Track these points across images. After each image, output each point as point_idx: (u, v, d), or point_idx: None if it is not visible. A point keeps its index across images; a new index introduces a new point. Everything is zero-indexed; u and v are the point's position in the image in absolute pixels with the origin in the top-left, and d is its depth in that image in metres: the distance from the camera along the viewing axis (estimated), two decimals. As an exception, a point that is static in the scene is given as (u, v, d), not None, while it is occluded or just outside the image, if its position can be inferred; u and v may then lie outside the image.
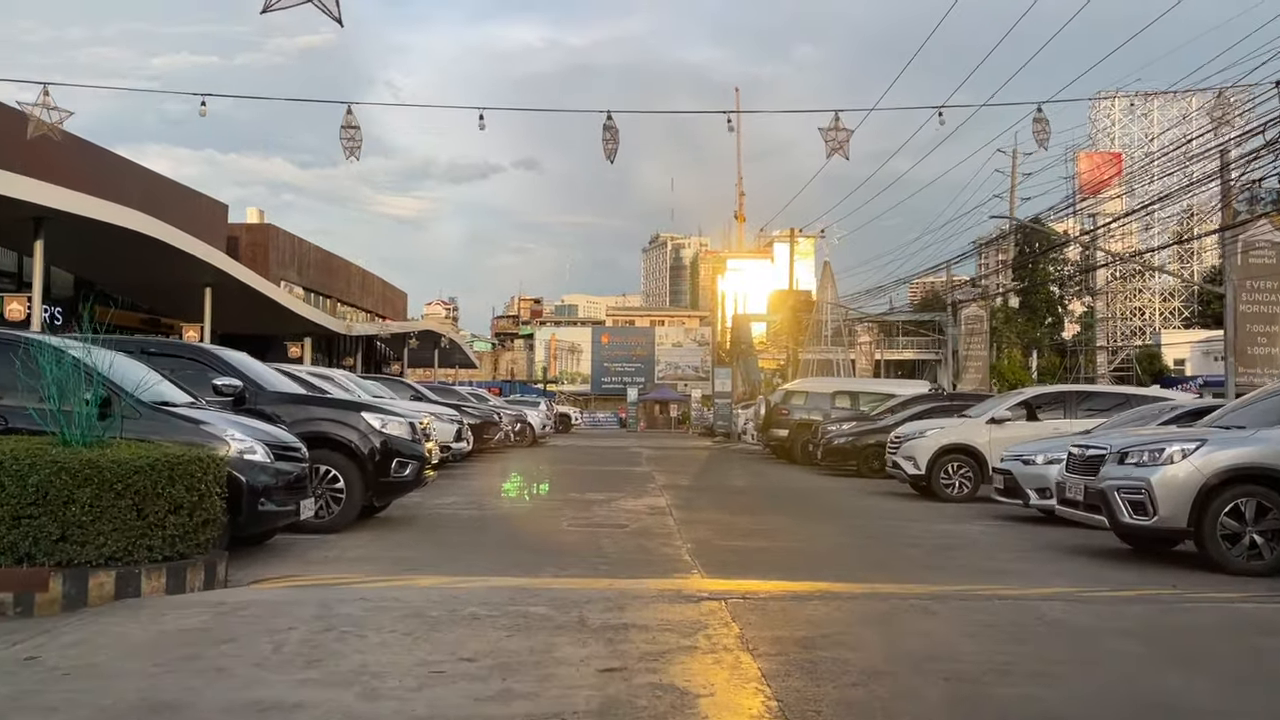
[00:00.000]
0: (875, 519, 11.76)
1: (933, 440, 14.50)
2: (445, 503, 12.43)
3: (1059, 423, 14.28)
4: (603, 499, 13.28)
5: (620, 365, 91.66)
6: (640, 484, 16.27)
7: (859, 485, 17.00)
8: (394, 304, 55.44)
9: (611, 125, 12.13)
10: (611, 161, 12.46)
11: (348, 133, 12.14)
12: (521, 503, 12.65)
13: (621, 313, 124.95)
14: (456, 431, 17.15)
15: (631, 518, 11.13)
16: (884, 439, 19.13)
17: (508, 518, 10.95)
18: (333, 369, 17.27)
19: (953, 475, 14.36)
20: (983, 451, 14.31)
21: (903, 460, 14.77)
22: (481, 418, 21.77)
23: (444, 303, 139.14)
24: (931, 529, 10.84)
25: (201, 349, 10.20)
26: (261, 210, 43.18)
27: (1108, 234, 64.07)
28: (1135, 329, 74.82)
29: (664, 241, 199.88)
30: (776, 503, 13.77)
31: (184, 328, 26.66)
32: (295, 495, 7.77)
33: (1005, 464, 11.81)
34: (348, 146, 12.31)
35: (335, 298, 45.45)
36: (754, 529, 10.53)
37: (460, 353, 53.43)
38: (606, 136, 12.16)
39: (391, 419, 9.76)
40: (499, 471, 18.37)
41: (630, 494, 14.23)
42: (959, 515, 12.30)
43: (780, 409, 24.24)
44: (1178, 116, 74.72)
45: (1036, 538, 10.25)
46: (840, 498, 14.66)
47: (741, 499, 14.08)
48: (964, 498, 14.25)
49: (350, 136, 12.25)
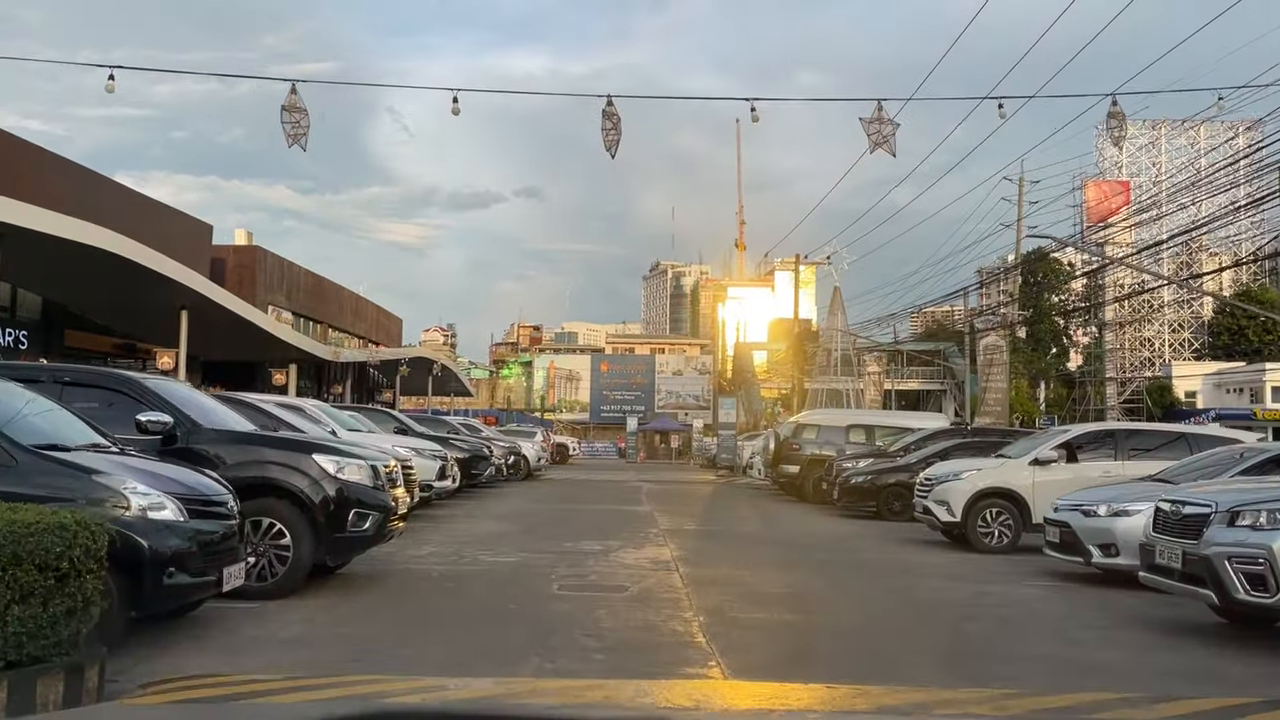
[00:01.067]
0: (914, 577, 10.23)
1: (969, 483, 12.99)
2: (420, 554, 10.90)
3: (1108, 464, 12.80)
4: (599, 549, 11.75)
5: (620, 394, 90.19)
6: (641, 528, 14.74)
7: (882, 531, 15.45)
8: (388, 330, 53.99)
9: (612, 113, 10.72)
10: (613, 155, 11.06)
11: (292, 116, 10.65)
12: (507, 554, 11.12)
13: (621, 340, 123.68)
14: (440, 468, 15.65)
15: (633, 576, 9.60)
16: (906, 478, 17.67)
17: (488, 577, 9.43)
18: (305, 399, 15.84)
19: (991, 523, 12.84)
20: (1025, 497, 12.79)
21: (934, 505, 13.25)
22: (471, 451, 20.25)
23: (442, 329, 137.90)
24: (983, 593, 9.30)
25: (126, 378, 8.71)
26: (250, 232, 41.89)
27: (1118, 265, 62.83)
28: (1144, 360, 73.50)
29: (664, 269, 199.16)
30: (796, 554, 12.24)
31: (159, 353, 25.18)
32: (218, 561, 6.26)
33: (1061, 514, 10.29)
34: (291, 133, 10.82)
35: (326, 323, 44.02)
36: (777, 593, 9.00)
37: (456, 380, 51.95)
38: (607, 126, 10.75)
39: (349, 462, 8.26)
40: (487, 513, 16.83)
41: (630, 542, 12.70)
42: (1007, 573, 10.76)
43: (791, 443, 22.72)
44: (1186, 145, 74.00)
45: (1110, 607, 8.72)
46: (867, 548, 13.12)
47: (757, 550, 12.55)
48: (1004, 548, 12.72)
49: (295, 121, 10.76)
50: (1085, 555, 9.89)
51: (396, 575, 9.39)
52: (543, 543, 12.41)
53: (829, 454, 21.93)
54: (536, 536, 13.19)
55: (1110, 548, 9.69)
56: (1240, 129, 64.42)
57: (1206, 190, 44.49)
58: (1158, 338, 73.25)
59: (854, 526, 16.24)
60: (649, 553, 11.64)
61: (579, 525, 15.05)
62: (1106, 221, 62.87)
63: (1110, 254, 61.25)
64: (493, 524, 14.89)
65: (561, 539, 12.80)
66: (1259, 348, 70.70)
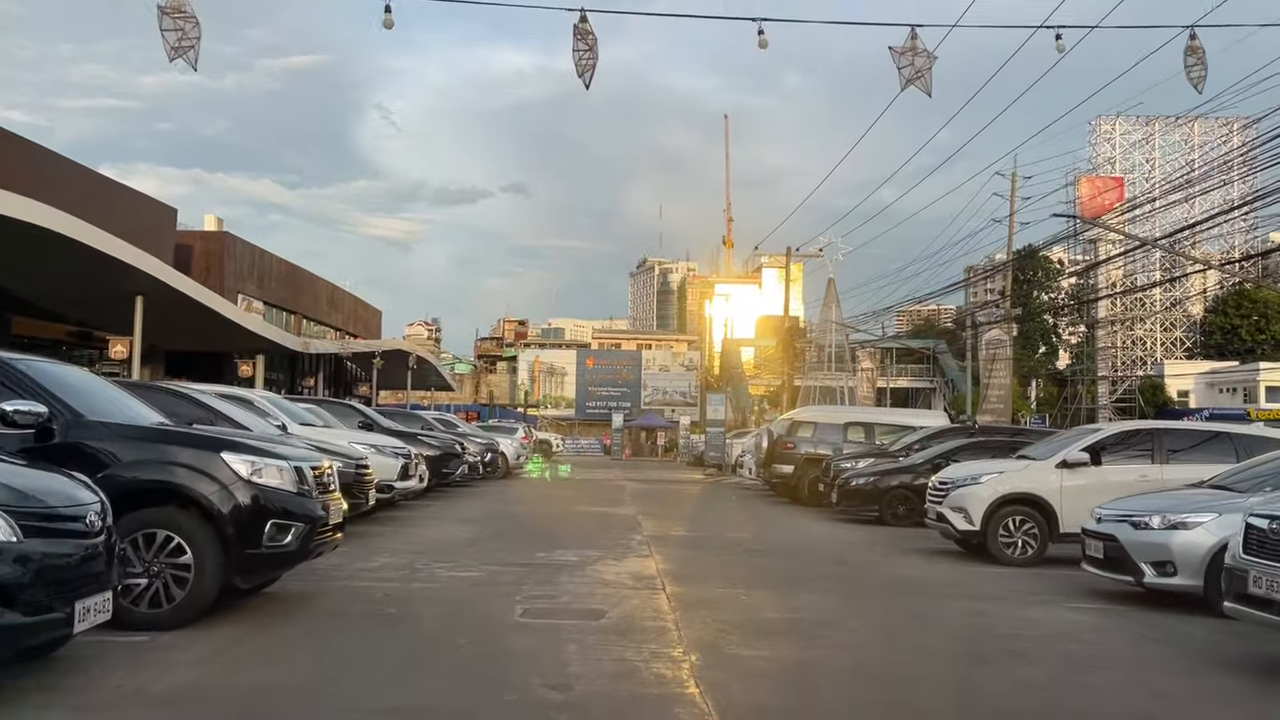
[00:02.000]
0: (937, 598, 8.84)
1: (990, 488, 11.62)
2: (368, 567, 9.47)
3: (1144, 468, 11.45)
4: (575, 561, 10.33)
5: (605, 389, 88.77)
6: (624, 534, 13.33)
7: (888, 539, 14.08)
8: (367, 322, 52.37)
9: (586, 31, 9.19)
10: (587, 85, 9.52)
11: (173, 21, 8.96)
12: (468, 567, 9.69)
13: (607, 336, 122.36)
14: (403, 467, 14.19)
15: (611, 597, 8.19)
16: (910, 480, 16.36)
17: (441, 599, 7.99)
18: (256, 390, 14.39)
19: (1014, 533, 11.48)
20: (1052, 504, 11.44)
21: (950, 512, 11.88)
22: (442, 449, 18.79)
23: (426, 323, 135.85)
24: (1023, 619, 7.92)
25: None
26: (220, 219, 40.22)
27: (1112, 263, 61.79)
28: (1136, 359, 72.65)
29: (652, 266, 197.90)
30: (798, 568, 10.84)
31: (112, 341, 23.60)
32: (67, 592, 4.82)
33: (1106, 526, 8.93)
34: (174, 45, 9.14)
35: (300, 314, 42.40)
36: (782, 620, 7.59)
37: (436, 375, 50.38)
38: (581, 48, 9.22)
39: (267, 463, 6.80)
40: (455, 516, 15.39)
41: (611, 552, 11.29)
42: (1040, 592, 9.40)
43: (785, 442, 21.33)
44: (1180, 141, 73.09)
45: (1179, 640, 7.37)
46: (876, 560, 11.73)
47: (753, 563, 11.15)
48: (1028, 561, 11.37)
49: (180, 29, 9.05)
50: (1135, 574, 8.53)
51: (332, 596, 7.95)
52: (511, 552, 10.98)
53: (825, 453, 20.58)
54: (505, 544, 11.75)
55: (1166, 565, 8.33)
56: (1235, 124, 63.64)
57: (1199, 188, 43.66)
58: (1149, 336, 72.38)
59: (856, 533, 14.86)
60: (631, 566, 10.22)
61: (555, 531, 13.62)
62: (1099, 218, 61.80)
63: (1106, 251, 60.28)
64: (459, 529, 13.45)
65: (533, 548, 11.37)
66: (1251, 347, 69.92)
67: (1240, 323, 72.15)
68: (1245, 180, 51.41)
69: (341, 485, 11.52)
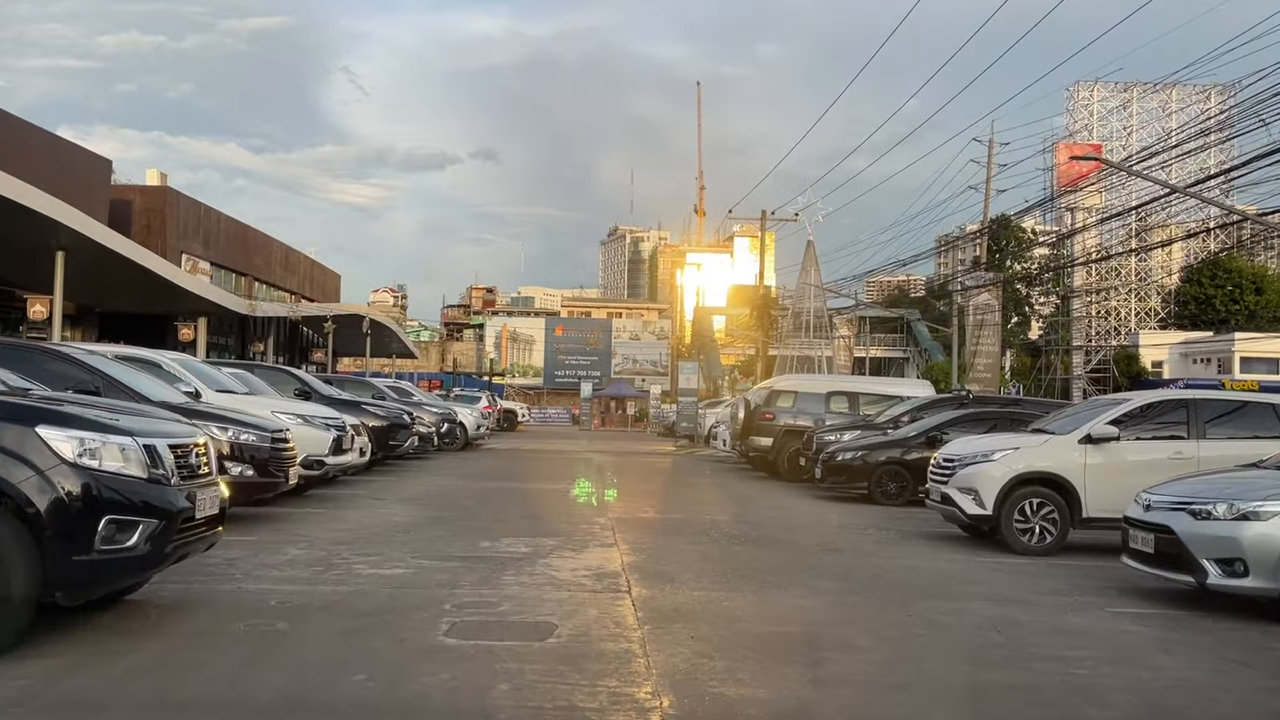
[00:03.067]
0: (955, 601, 7.34)
1: (1005, 466, 10.16)
2: (273, 562, 7.87)
3: (1180, 444, 10.05)
4: (526, 552, 8.77)
5: (575, 358, 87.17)
6: (587, 517, 11.78)
7: (881, 520, 12.64)
8: (324, 286, 50.26)
9: None
10: None
11: None
12: (395, 563, 8.10)
13: (577, 304, 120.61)
14: (336, 440, 12.52)
15: (564, 605, 6.63)
16: (902, 455, 14.97)
17: (348, 609, 6.40)
18: (168, 352, 12.67)
19: (1032, 517, 10.04)
20: (1074, 484, 10.01)
21: (957, 493, 10.42)
22: (388, 419, 17.13)
23: (392, 290, 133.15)
24: (1067, 634, 6.45)
25: None
26: (164, 174, 37.91)
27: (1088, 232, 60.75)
28: (1110, 329, 72.04)
29: (623, 234, 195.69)
30: (786, 558, 9.34)
31: (31, 300, 21.63)
32: None
33: (1159, 515, 7.48)
34: None
35: (251, 276, 40.33)
36: (775, 636, 6.08)
37: (397, 341, 48.43)
38: None
39: (106, 441, 5.15)
40: (397, 495, 13.77)
41: (570, 539, 9.74)
42: (1075, 590, 7.96)
43: (764, 413, 19.85)
44: (1157, 108, 72.07)
45: (1266, 661, 5.94)
46: (872, 548, 10.24)
47: (734, 552, 9.63)
48: (1046, 549, 9.96)
49: None
50: (1197, 573, 7.09)
51: (213, 604, 6.34)
52: (452, 541, 9.39)
53: (806, 425, 19.14)
54: (447, 531, 10.15)
55: (1235, 564, 6.91)
56: (1211, 92, 62.62)
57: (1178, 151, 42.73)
58: (1124, 306, 71.68)
59: (845, 513, 13.41)
60: (592, 558, 8.67)
61: (508, 512, 12.05)
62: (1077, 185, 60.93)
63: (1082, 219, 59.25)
64: (398, 510, 11.84)
65: (479, 535, 9.79)
66: (1225, 317, 69.46)
67: (1215, 293, 71.65)
68: (1222, 149, 50.45)
69: (256, 462, 9.95)
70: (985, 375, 27.65)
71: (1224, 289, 71.46)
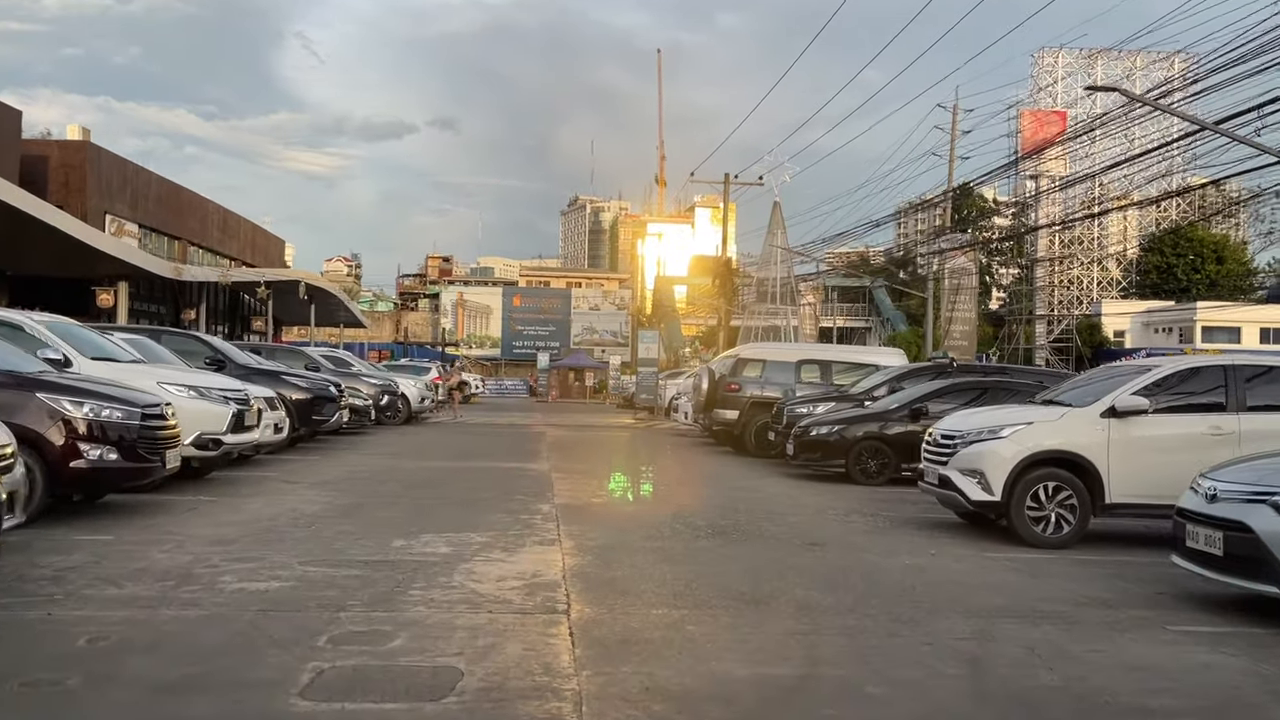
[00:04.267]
0: (978, 619, 5.83)
1: (1016, 444, 8.68)
2: (119, 574, 6.17)
3: (1217, 418, 8.63)
4: (444, 555, 7.14)
5: (533, 329, 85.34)
6: (529, 504, 10.16)
7: (865, 504, 11.16)
8: (266, 252, 47.83)
9: None
10: None
11: None
12: (274, 571, 6.43)
13: (536, 273, 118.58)
14: (237, 415, 10.75)
15: (478, 637, 5.02)
16: (881, 429, 13.54)
17: (181, 650, 4.73)
18: (35, 313, 10.81)
19: (1046, 504, 8.58)
20: (1096, 465, 8.55)
21: (959, 476, 8.93)
22: (312, 391, 15.35)
23: (345, 259, 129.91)
24: (1137, 668, 4.97)
25: None
26: (87, 129, 35.33)
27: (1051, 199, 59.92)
28: (1073, 298, 71.62)
29: (583, 204, 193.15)
30: (763, 559, 7.80)
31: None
32: None
33: (1228, 508, 6.03)
34: None
35: (186, 240, 37.94)
36: (757, 685, 4.50)
37: (345, 310, 46.24)
38: None
39: None
40: (313, 477, 12.04)
41: (504, 534, 8.12)
42: (1121, 601, 6.50)
43: (729, 383, 18.30)
44: (1121, 75, 71.27)
45: None
46: (861, 541, 8.72)
47: (699, 551, 8.06)
48: (1063, 541, 8.52)
49: None
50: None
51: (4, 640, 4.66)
52: (358, 539, 7.72)
53: (775, 396, 17.66)
54: (357, 524, 8.47)
55: (1336, 573, 5.46)
56: (1175, 58, 61.79)
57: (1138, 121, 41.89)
58: (1086, 275, 71.19)
59: (823, 496, 11.91)
60: (527, 560, 7.06)
61: (437, 499, 10.40)
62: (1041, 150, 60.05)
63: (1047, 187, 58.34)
64: (309, 498, 10.13)
65: (395, 529, 8.14)
66: (1186, 286, 69.27)
67: (1176, 262, 71.45)
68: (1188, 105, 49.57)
69: (121, 443, 8.20)
70: (961, 343, 26.34)
71: (1185, 258, 71.30)
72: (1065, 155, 60.78)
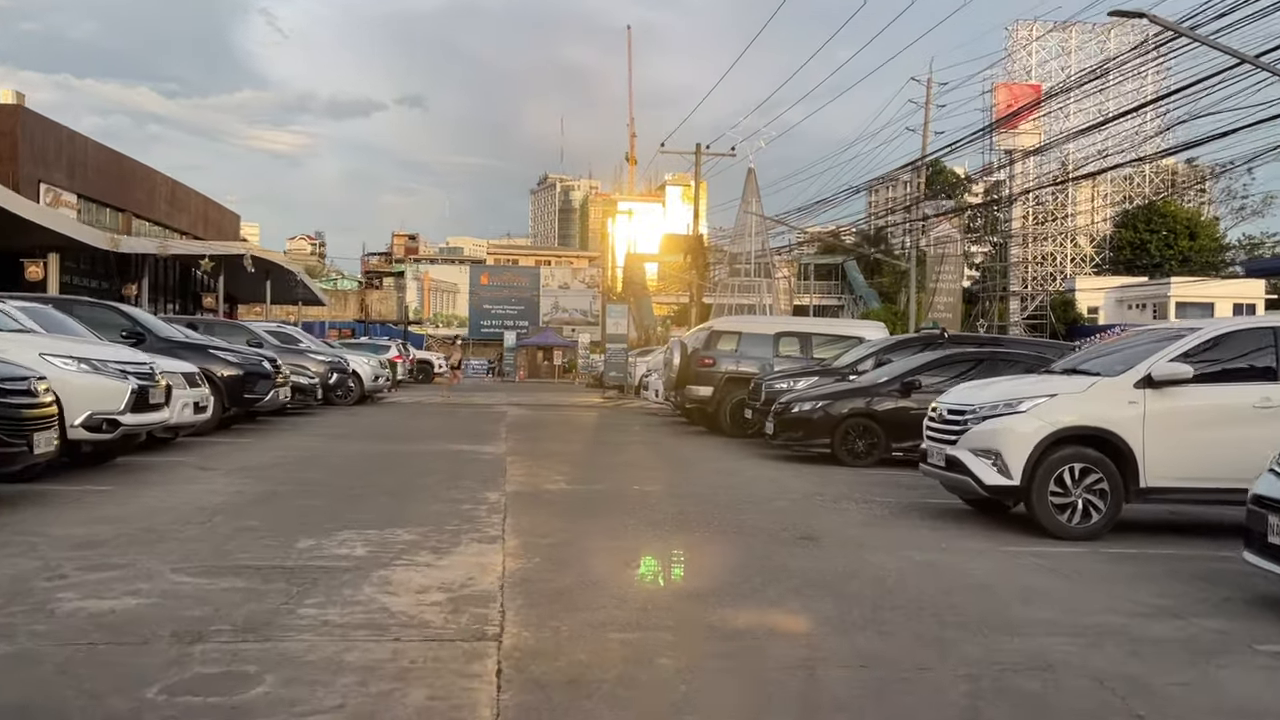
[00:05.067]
0: (1022, 632, 4.61)
1: (1037, 420, 7.47)
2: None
3: (1266, 387, 7.46)
4: (359, 559, 5.82)
5: (501, 308, 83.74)
6: (474, 492, 8.85)
7: (856, 488, 9.94)
8: (220, 226, 45.82)
9: None
10: None
11: None
12: (135, 584, 5.10)
13: (504, 251, 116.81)
14: (138, 392, 9.32)
15: (371, 680, 3.72)
16: (868, 405, 12.35)
17: None
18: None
19: (1073, 488, 7.38)
20: (1130, 444, 7.36)
21: (970, 456, 7.72)
22: (243, 368, 13.91)
23: (309, 238, 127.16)
24: (1235, 706, 3.77)
25: None
26: (20, 93, 33.29)
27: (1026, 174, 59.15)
28: (1046, 275, 71.14)
29: (553, 183, 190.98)
30: (747, 558, 6.55)
31: None
32: None
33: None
34: None
35: (130, 212, 35.99)
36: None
37: (303, 287, 44.42)
38: None
39: None
40: (230, 464, 10.64)
41: (436, 531, 6.80)
42: (1187, 605, 5.31)
43: (702, 358, 17.02)
44: (1096, 49, 70.45)
45: None
46: (865, 535, 7.47)
47: (669, 549, 6.80)
48: (1092, 531, 7.34)
49: None
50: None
51: None
52: (262, 537, 6.38)
53: (752, 371, 16.42)
54: (265, 519, 7.11)
55: None
56: (1149, 33, 61.00)
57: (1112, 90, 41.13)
58: (1059, 251, 70.64)
59: (808, 480, 10.68)
60: (458, 566, 5.75)
61: (369, 487, 9.05)
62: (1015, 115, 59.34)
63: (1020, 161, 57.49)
64: (219, 486, 8.75)
65: (306, 525, 6.81)
66: (1159, 262, 68.92)
67: (1149, 238, 71.06)
68: (1160, 73, 48.76)
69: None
70: (946, 315, 25.19)
71: (1159, 234, 70.94)
72: (1039, 131, 59.89)
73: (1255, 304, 59.00)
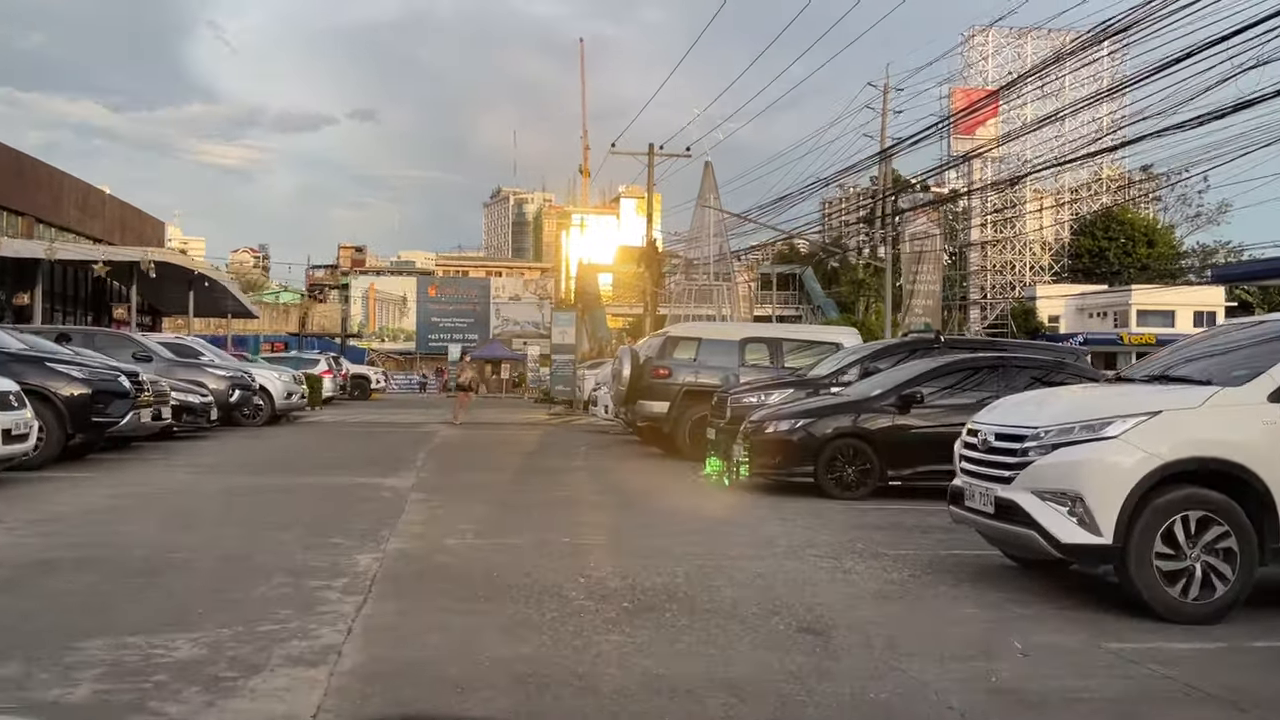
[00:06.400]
0: None
1: (1137, 448, 5.19)
2: None
3: None
4: (82, 698, 3.35)
5: (450, 321, 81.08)
6: (341, 556, 6.38)
7: (859, 532, 7.62)
8: (140, 233, 42.65)
9: None
10: None
11: None
12: None
13: (454, 263, 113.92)
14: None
15: None
16: (863, 424, 10.08)
17: None
18: None
19: (1188, 550, 5.13)
20: (1268, 482, 5.13)
21: (1036, 501, 5.42)
22: (92, 384, 11.28)
23: (252, 250, 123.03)
24: None
25: None
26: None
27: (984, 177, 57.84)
28: (1006, 283, 70.27)
29: (506, 196, 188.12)
30: (722, 663, 4.20)
31: None
32: None
33: None
34: None
35: (33, 216, 32.94)
36: None
37: (232, 299, 41.40)
38: None
39: None
40: (41, 511, 8.04)
41: (250, 629, 4.35)
42: None
43: (656, 368, 14.66)
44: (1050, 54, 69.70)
45: None
46: (886, 619, 5.13)
47: (614, 647, 4.43)
48: (1214, 611, 5.08)
49: None
50: None
51: None
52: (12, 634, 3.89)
53: (714, 383, 14.12)
54: (43, 602, 4.62)
55: None
56: (1104, 37, 60.26)
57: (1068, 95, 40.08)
58: (1019, 260, 69.70)
59: (793, 522, 8.32)
60: (272, 692, 3.31)
61: (214, 542, 6.54)
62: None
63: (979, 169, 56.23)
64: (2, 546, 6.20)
65: (33, 633, 4.33)
66: (1118, 269, 68.23)
67: (1108, 245, 70.44)
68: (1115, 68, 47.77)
69: None
70: (924, 319, 23.15)
71: (1117, 241, 70.33)
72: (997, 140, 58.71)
73: (1215, 311, 58.24)
